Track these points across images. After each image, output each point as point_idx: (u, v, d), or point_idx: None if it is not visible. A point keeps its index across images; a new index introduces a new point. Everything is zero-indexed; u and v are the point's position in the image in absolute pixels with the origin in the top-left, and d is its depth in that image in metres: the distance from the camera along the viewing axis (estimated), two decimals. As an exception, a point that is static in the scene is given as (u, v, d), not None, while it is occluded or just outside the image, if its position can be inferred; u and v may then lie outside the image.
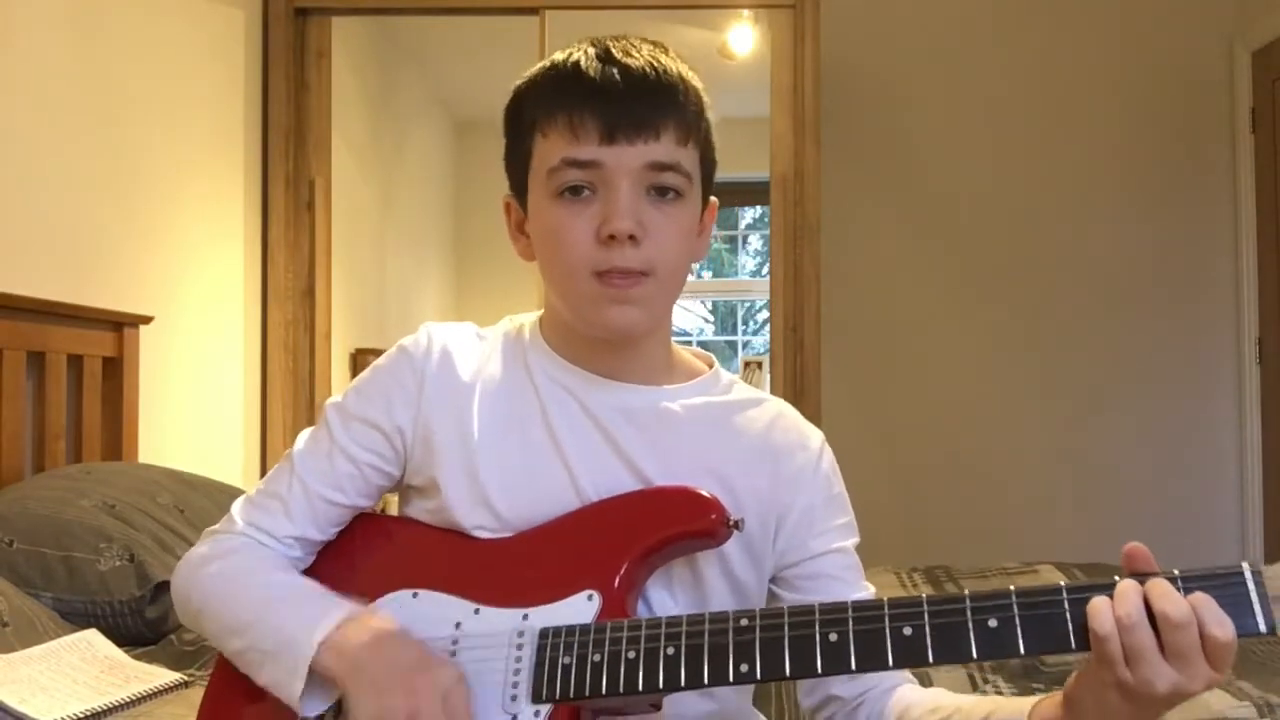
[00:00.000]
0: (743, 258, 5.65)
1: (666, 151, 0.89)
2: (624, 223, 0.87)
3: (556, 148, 0.89)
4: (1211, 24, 3.80)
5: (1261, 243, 3.68)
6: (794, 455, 0.99)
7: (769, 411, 1.01)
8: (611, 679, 0.82)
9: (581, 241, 0.88)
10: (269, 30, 3.27)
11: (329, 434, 0.99)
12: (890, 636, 0.77)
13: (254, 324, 3.23)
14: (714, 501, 0.90)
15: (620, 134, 0.87)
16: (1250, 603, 0.71)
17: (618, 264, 0.88)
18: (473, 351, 1.00)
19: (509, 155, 0.97)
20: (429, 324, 1.02)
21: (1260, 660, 1.56)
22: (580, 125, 0.87)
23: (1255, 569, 0.72)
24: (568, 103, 0.89)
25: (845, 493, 1.02)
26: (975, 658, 0.75)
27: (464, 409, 0.96)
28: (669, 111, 0.89)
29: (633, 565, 0.89)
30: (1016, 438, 3.80)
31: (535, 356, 0.99)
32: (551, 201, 0.90)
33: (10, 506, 1.87)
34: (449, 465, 0.95)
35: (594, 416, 0.95)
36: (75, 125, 2.37)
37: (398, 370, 0.99)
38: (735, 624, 0.81)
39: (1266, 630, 0.71)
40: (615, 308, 0.90)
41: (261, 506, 0.99)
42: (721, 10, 3.69)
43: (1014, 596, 0.75)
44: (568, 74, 0.90)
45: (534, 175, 0.92)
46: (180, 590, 0.99)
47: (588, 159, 0.88)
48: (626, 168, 0.88)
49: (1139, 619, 0.71)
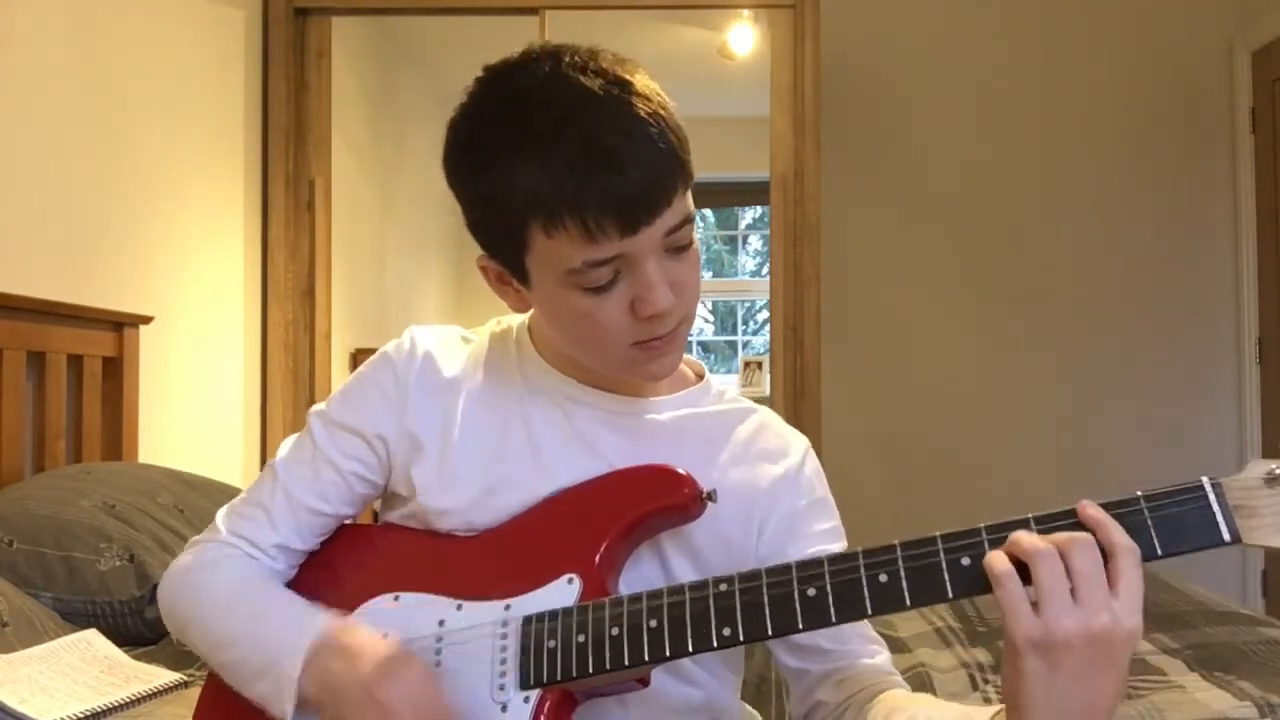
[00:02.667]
0: (743, 258, 5.65)
1: (679, 212, 0.84)
2: (663, 301, 0.84)
3: (571, 252, 0.82)
4: (1211, 24, 3.81)
5: (1261, 243, 3.68)
6: (776, 462, 0.99)
7: (754, 422, 1.01)
8: (598, 657, 0.83)
9: (615, 320, 0.85)
10: (269, 30, 3.27)
11: (312, 442, 0.99)
12: (867, 585, 0.77)
13: (254, 324, 3.23)
14: (686, 476, 0.90)
15: (641, 223, 0.81)
16: (1214, 514, 0.71)
17: (658, 332, 0.87)
18: (457, 355, 0.99)
19: (482, 223, 0.88)
20: (413, 328, 1.01)
21: (1261, 660, 1.56)
22: (598, 229, 0.80)
23: (1214, 480, 0.72)
24: (575, 203, 0.79)
25: (830, 498, 1.02)
26: (951, 596, 0.75)
27: (447, 413, 0.96)
28: (674, 173, 0.83)
29: (611, 545, 0.89)
30: (1016, 437, 3.80)
31: (523, 362, 0.99)
32: (573, 292, 0.85)
33: (10, 506, 1.87)
34: (427, 468, 0.95)
35: (577, 424, 0.95)
36: (75, 125, 2.37)
37: (380, 378, 0.98)
38: (715, 589, 0.81)
39: (1230, 540, 0.70)
40: (655, 362, 0.90)
41: (245, 516, 0.98)
42: (721, 10, 3.68)
43: (984, 532, 0.75)
44: (561, 162, 0.79)
45: (538, 264, 0.86)
46: (166, 601, 0.99)
47: (611, 256, 0.82)
48: (649, 245, 0.83)
49: (1044, 546, 0.70)
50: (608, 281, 0.84)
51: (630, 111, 0.81)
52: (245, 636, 0.90)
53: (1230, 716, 1.32)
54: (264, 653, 0.88)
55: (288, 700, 0.86)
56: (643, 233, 0.82)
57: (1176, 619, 1.85)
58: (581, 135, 0.80)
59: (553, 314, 0.91)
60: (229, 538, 0.98)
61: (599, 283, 0.84)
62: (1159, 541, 0.73)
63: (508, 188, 0.82)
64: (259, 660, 0.89)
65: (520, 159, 0.81)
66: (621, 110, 0.81)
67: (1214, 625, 1.79)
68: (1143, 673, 1.53)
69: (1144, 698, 1.41)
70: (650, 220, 0.82)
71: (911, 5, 3.89)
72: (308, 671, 0.86)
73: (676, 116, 0.85)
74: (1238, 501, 0.71)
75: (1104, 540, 0.71)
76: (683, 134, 0.85)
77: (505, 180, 0.82)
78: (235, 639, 0.91)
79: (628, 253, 0.82)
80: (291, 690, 0.86)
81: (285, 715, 0.86)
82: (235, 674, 0.91)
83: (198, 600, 0.95)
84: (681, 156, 0.84)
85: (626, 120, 0.81)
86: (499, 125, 0.84)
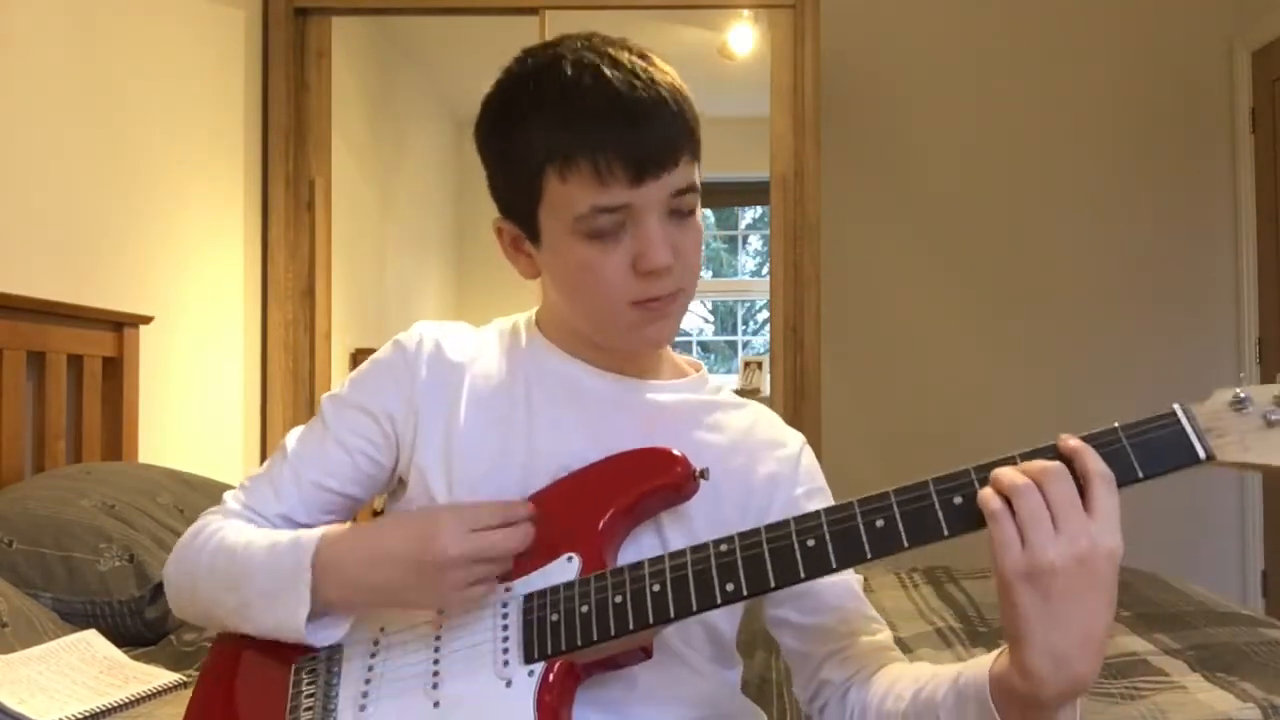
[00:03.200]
0: (743, 258, 5.65)
1: (685, 176, 0.89)
2: (663, 257, 0.88)
3: (582, 195, 0.87)
4: (1211, 24, 3.81)
5: (1261, 243, 3.68)
6: (774, 453, 1.01)
7: (750, 414, 1.04)
8: (602, 625, 0.84)
9: (616, 276, 0.89)
10: (269, 30, 3.27)
11: (323, 423, 1.01)
12: (864, 531, 0.79)
13: (254, 324, 3.23)
14: (679, 456, 0.91)
15: (648, 174, 0.87)
16: (1187, 436, 0.75)
17: (656, 293, 0.90)
18: (466, 343, 1.02)
19: (502, 182, 0.94)
20: (422, 321, 1.04)
21: (1263, 661, 1.56)
22: (608, 172, 0.86)
23: (1185, 406, 0.77)
24: (588, 145, 0.86)
25: (827, 489, 1.04)
26: (946, 535, 0.78)
27: (454, 397, 0.98)
28: (684, 136, 0.89)
29: (609, 525, 0.90)
30: (1016, 438, 3.76)
31: (532, 349, 1.01)
32: (578, 241, 0.89)
33: (10, 506, 1.87)
34: (430, 451, 0.97)
35: (584, 405, 0.97)
36: (75, 125, 2.37)
37: (392, 361, 1.01)
38: (716, 549, 0.83)
39: (1205, 457, 0.75)
40: (652, 326, 0.93)
41: (252, 490, 1.01)
42: (721, 10, 3.69)
43: (973, 472, 0.78)
44: (578, 109, 0.87)
45: (550, 213, 0.90)
46: (172, 574, 1.01)
47: (619, 204, 0.87)
48: (654, 201, 0.88)
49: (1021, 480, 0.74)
50: (612, 230, 0.88)
51: (650, 75, 0.88)
52: (249, 574, 0.91)
53: (1234, 717, 1.32)
54: (270, 578, 0.90)
55: (300, 607, 0.87)
56: (649, 185, 0.86)
57: (1177, 619, 1.85)
58: (603, 88, 0.86)
59: (558, 270, 0.94)
60: (233, 507, 1.00)
61: (604, 229, 0.88)
62: (1139, 463, 0.76)
63: (529, 140, 0.88)
64: (268, 585, 0.90)
65: (544, 111, 0.88)
66: (644, 74, 0.88)
67: (1215, 626, 1.78)
68: (1145, 673, 1.52)
69: (1146, 698, 1.40)
70: (658, 174, 0.87)
71: (911, 5, 3.89)
72: (322, 576, 0.88)
73: (687, 92, 0.92)
74: (1208, 425, 0.76)
75: (1080, 468, 0.75)
76: (694, 112, 0.91)
77: (528, 133, 0.89)
78: (241, 576, 0.92)
79: (634, 204, 0.87)
80: (305, 598, 0.87)
81: (299, 623, 0.88)
82: (245, 614, 0.92)
83: (198, 559, 0.97)
84: (691, 125, 0.90)
85: (645, 81, 0.88)
86: (527, 86, 0.90)
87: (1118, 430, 0.77)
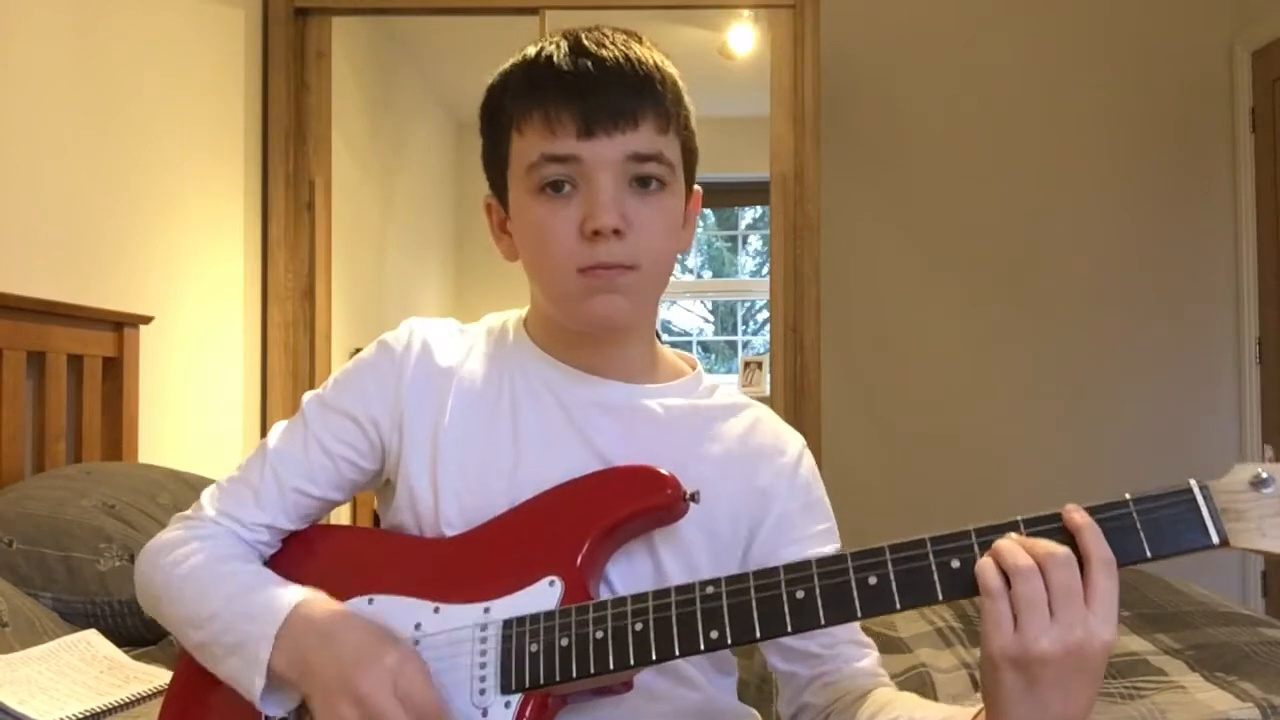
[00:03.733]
0: (743, 258, 5.65)
1: (646, 141, 0.87)
2: (607, 217, 0.85)
3: (534, 144, 0.88)
4: (1211, 24, 3.81)
5: (1261, 243, 3.68)
6: (770, 461, 0.98)
7: (747, 418, 1.00)
8: (581, 661, 0.81)
9: (565, 238, 0.87)
10: (269, 30, 3.27)
11: (305, 425, 0.98)
12: (856, 587, 0.77)
13: (254, 324, 3.23)
14: (669, 477, 0.88)
15: (598, 126, 0.86)
16: (1202, 517, 0.71)
17: (603, 259, 0.87)
18: (454, 346, 0.99)
19: (487, 155, 0.96)
20: (411, 319, 1.02)
21: (1262, 661, 1.56)
22: (556, 120, 0.86)
23: (1202, 484, 0.72)
24: (542, 97, 0.87)
25: (825, 499, 1.01)
26: (941, 599, 0.76)
27: (440, 402, 0.96)
28: (646, 100, 0.88)
29: (593, 546, 0.87)
30: (1017, 438, 3.80)
31: (517, 351, 0.99)
32: (532, 198, 0.89)
33: (10, 506, 1.86)
34: (416, 457, 0.95)
35: (568, 410, 0.95)
36: (75, 125, 2.37)
37: (378, 363, 0.98)
38: (701, 593, 0.80)
39: (1219, 542, 0.71)
40: (601, 297, 0.88)
41: (232, 494, 0.98)
42: (721, 10, 3.69)
43: (974, 536, 0.75)
44: (541, 68, 0.89)
45: (513, 173, 0.92)
46: (142, 575, 0.98)
47: (566, 154, 0.86)
48: (606, 160, 0.86)
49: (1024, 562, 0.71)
50: (562, 183, 0.87)
51: (625, 41, 0.90)
52: (216, 615, 0.89)
53: (1233, 717, 1.32)
54: (235, 631, 0.87)
55: (257, 677, 0.84)
56: (600, 140, 0.86)
57: (1177, 619, 1.85)
58: (571, 53, 0.88)
59: (521, 238, 0.93)
60: (214, 515, 0.97)
61: (552, 178, 0.87)
62: (1148, 543, 0.73)
63: (501, 108, 0.92)
64: (230, 639, 0.87)
65: (513, 78, 0.92)
66: (618, 45, 0.89)
67: (1215, 626, 1.78)
68: (1144, 673, 1.53)
69: (1146, 698, 1.40)
70: (609, 131, 0.86)
71: (911, 5, 3.89)
72: (280, 647, 0.85)
73: (677, 76, 0.92)
74: (1225, 505, 0.71)
75: (1082, 547, 0.72)
76: (673, 84, 0.91)
77: (501, 102, 0.92)
78: (208, 617, 0.89)
79: (583, 157, 0.86)
80: (261, 668, 0.84)
81: (255, 692, 0.85)
82: (206, 653, 0.90)
83: (170, 578, 0.94)
84: (660, 89, 0.89)
85: (615, 48, 0.89)
86: (515, 67, 0.93)
87: (1129, 504, 0.74)
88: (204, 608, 0.90)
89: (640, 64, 0.88)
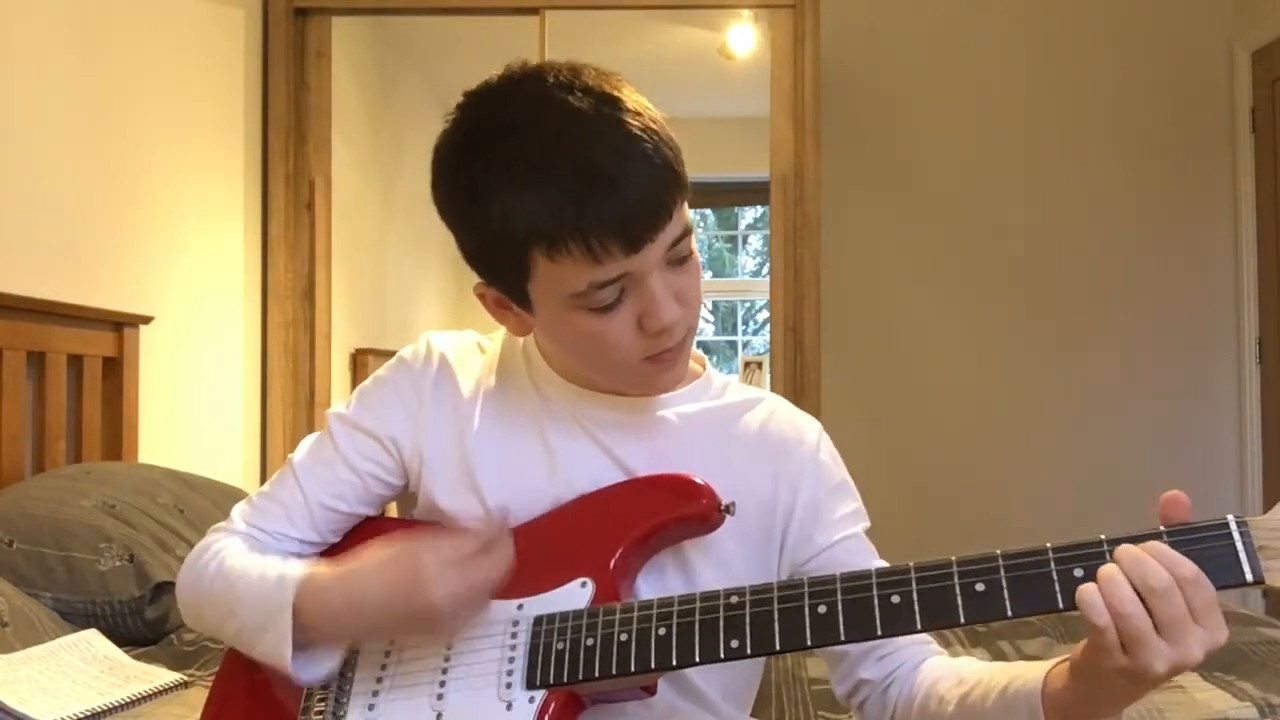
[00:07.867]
0: (743, 258, 5.65)
1: (678, 224, 0.85)
2: (669, 315, 0.85)
3: (576, 274, 0.82)
4: (1211, 24, 3.80)
5: (1261, 244, 3.68)
6: (791, 452, 0.99)
7: (763, 411, 1.01)
8: (604, 661, 0.83)
9: (624, 338, 0.87)
10: (269, 30, 3.27)
11: (332, 442, 0.99)
12: (878, 605, 0.77)
13: (254, 324, 3.23)
14: (705, 487, 0.90)
15: (643, 240, 0.82)
16: (1237, 554, 0.70)
17: (667, 345, 0.88)
18: (473, 363, 1.00)
19: (479, 252, 0.89)
20: (430, 333, 1.02)
21: (1261, 660, 1.56)
22: (601, 250, 0.80)
23: (1240, 520, 0.71)
24: (577, 227, 0.80)
25: (849, 479, 1.02)
26: (963, 622, 0.75)
27: (463, 421, 0.97)
28: (672, 186, 0.84)
29: (626, 552, 0.89)
30: (1017, 438, 3.80)
31: (532, 373, 0.99)
32: (579, 314, 0.86)
33: (10, 506, 1.87)
34: (442, 475, 0.96)
35: (592, 431, 0.96)
36: (75, 125, 2.37)
37: (397, 381, 0.99)
38: (726, 601, 0.81)
39: (1254, 580, 0.70)
40: (665, 374, 0.92)
41: (262, 510, 0.99)
42: (721, 10, 3.68)
43: (1000, 560, 0.75)
44: (561, 186, 0.80)
45: (542, 290, 0.86)
46: (184, 589, 0.99)
47: (616, 276, 0.83)
48: (653, 260, 0.84)
49: (1134, 605, 0.69)
50: (614, 301, 0.84)
51: (622, 129, 0.82)
52: (243, 599, 0.91)
53: (1230, 717, 1.32)
54: (259, 610, 0.89)
55: (285, 645, 0.86)
56: (646, 250, 0.82)
57: (1177, 619, 1.84)
58: (576, 159, 0.80)
59: (560, 337, 0.92)
60: (246, 529, 0.98)
61: (605, 302, 0.84)
62: None
63: (506, 218, 0.83)
64: (259, 619, 0.89)
65: (517, 189, 0.82)
66: (613, 129, 0.82)
67: (1214, 625, 1.78)
68: (1143, 673, 1.52)
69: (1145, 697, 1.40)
70: (653, 236, 0.82)
71: (912, 5, 3.89)
72: (303, 609, 0.86)
73: (667, 128, 0.85)
74: (1264, 542, 0.69)
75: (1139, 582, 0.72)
76: (675, 145, 0.85)
77: (503, 211, 0.83)
78: (236, 603, 0.91)
79: (632, 270, 0.83)
80: (287, 635, 0.86)
81: (285, 661, 0.86)
82: (243, 640, 0.92)
83: (201, 581, 0.95)
84: (677, 169, 0.84)
85: (619, 138, 0.81)
86: (490, 156, 0.84)
87: (1162, 535, 0.72)
88: (232, 595, 0.92)
89: (651, 142, 0.82)
